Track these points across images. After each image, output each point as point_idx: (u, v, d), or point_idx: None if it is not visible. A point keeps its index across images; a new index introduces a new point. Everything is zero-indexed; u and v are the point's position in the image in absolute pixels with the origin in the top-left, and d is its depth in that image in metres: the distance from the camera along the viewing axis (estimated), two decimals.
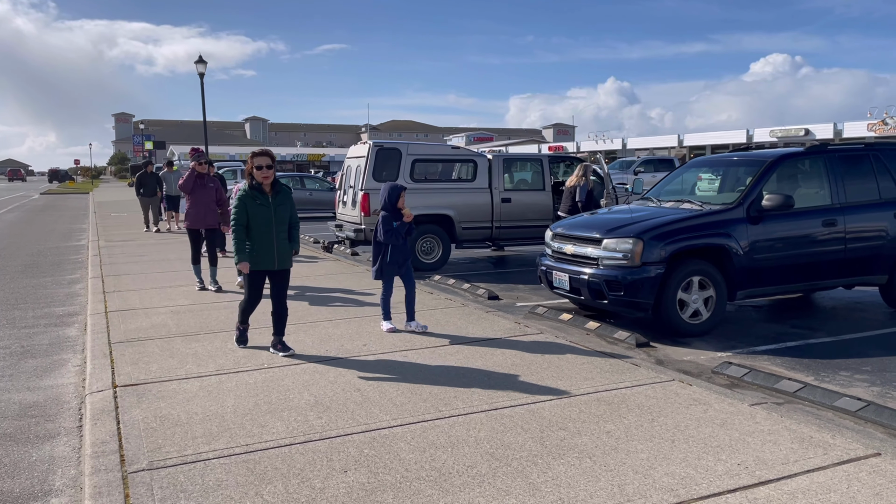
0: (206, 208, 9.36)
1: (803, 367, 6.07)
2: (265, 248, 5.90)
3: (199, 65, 28.49)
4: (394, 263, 6.98)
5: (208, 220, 9.43)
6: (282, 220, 5.95)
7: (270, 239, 5.90)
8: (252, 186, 5.88)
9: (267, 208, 5.88)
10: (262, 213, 5.86)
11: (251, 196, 5.87)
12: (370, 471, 3.74)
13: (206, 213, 9.38)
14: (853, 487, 3.49)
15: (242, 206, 5.85)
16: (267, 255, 5.92)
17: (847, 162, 7.98)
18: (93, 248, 14.86)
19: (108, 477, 3.72)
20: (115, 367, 5.78)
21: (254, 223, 5.85)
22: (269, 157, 5.91)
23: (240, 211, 5.85)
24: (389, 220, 6.84)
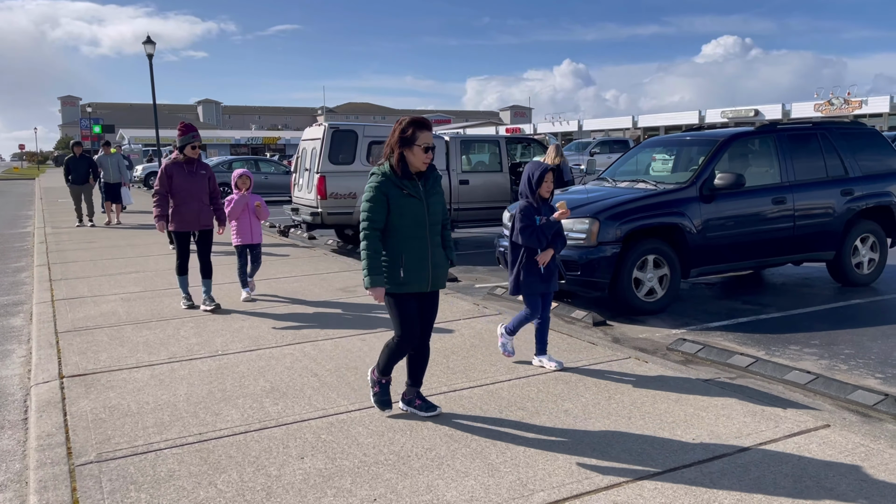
0: (198, 204, 7.16)
1: (755, 342, 6.20)
2: (417, 260, 3.98)
3: (148, 45, 27.68)
4: (537, 277, 5.09)
5: (202, 219, 7.23)
6: (436, 218, 4.07)
7: (424, 247, 4.00)
8: (402, 171, 3.94)
9: (419, 202, 3.96)
10: (413, 208, 3.94)
11: (396, 183, 3.92)
12: (328, 456, 3.69)
13: (200, 211, 7.18)
14: (804, 459, 3.57)
15: (381, 198, 3.91)
16: (420, 272, 3.98)
17: (795, 141, 8.14)
18: (39, 235, 14.39)
19: (55, 470, 3.60)
20: (61, 357, 5.60)
21: (400, 224, 3.95)
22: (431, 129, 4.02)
23: (377, 206, 3.90)
24: (530, 212, 5.06)
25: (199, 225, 7.21)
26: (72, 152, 16.18)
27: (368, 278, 3.92)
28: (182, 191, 7.08)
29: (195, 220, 7.17)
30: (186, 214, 7.12)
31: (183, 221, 7.13)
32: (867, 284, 8.37)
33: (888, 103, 41.41)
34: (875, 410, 4.45)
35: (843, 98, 43.29)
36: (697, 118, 50.01)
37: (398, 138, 3.92)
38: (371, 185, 3.95)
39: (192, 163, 7.16)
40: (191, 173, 7.15)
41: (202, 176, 7.22)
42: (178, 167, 7.10)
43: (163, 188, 7.10)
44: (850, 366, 5.52)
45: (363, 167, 11.54)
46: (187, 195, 7.10)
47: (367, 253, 3.91)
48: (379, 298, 3.96)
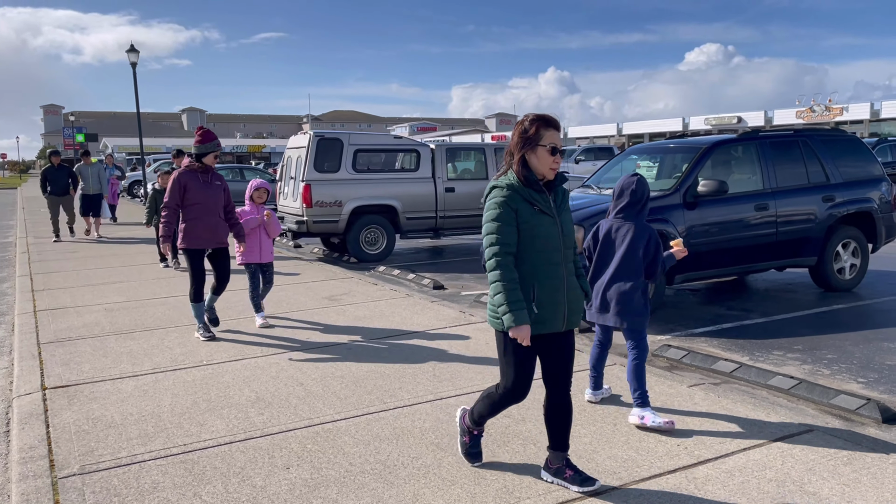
0: (214, 218, 6.34)
1: (739, 347, 6.24)
2: (552, 293, 3.25)
3: (131, 54, 27.50)
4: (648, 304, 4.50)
5: (218, 235, 6.40)
6: (570, 240, 3.37)
7: (559, 276, 3.28)
8: (526, 179, 3.22)
9: (552, 220, 3.26)
10: (546, 228, 3.23)
11: (525, 197, 3.21)
12: (313, 466, 3.67)
13: (216, 226, 6.36)
14: (787, 463, 3.60)
15: (511, 215, 3.18)
16: (555, 308, 3.26)
17: (777, 148, 8.22)
18: (21, 245, 14.24)
19: (37, 483, 3.56)
20: (44, 369, 5.54)
21: (531, 247, 3.22)
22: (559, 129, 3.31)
23: (507, 226, 3.17)
24: None
25: (215, 242, 6.38)
26: (49, 162, 15.04)
27: (511, 315, 3.11)
28: (197, 203, 6.23)
29: (211, 236, 6.32)
30: (201, 230, 6.25)
31: (197, 238, 6.26)
32: (849, 290, 8.45)
33: (868, 110, 41.94)
34: (857, 415, 4.50)
35: (825, 105, 43.79)
36: (681, 125, 50.41)
37: (519, 139, 3.27)
38: (496, 201, 3.20)
39: (207, 172, 6.34)
40: (206, 184, 6.30)
41: (217, 187, 6.38)
42: (193, 177, 6.26)
43: (174, 201, 6.22)
44: (833, 370, 5.57)
45: (349, 175, 11.54)
46: (202, 209, 6.25)
47: (504, 284, 3.13)
48: (526, 339, 3.15)
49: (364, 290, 8.52)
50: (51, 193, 14.75)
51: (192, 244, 6.26)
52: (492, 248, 3.19)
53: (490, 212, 3.23)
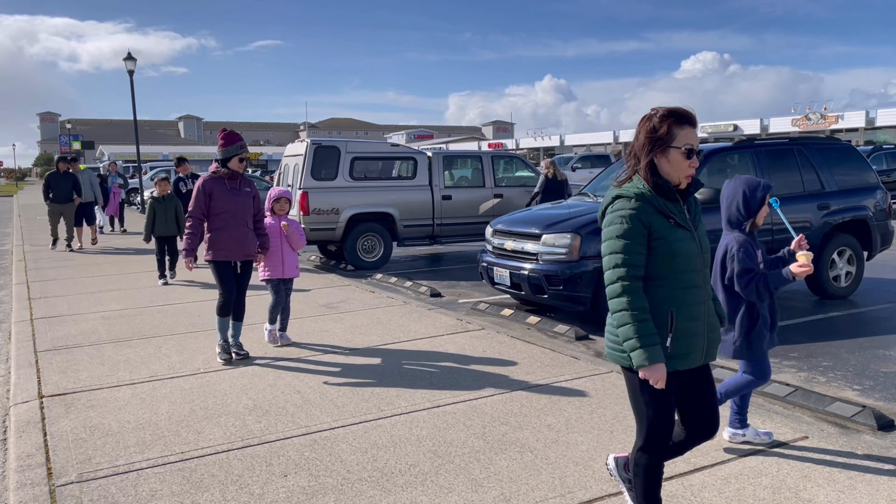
0: (242, 228, 5.88)
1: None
2: (690, 322, 2.74)
3: (129, 62, 27.57)
4: (764, 329, 3.89)
5: (246, 246, 5.92)
6: (707, 257, 2.84)
7: (699, 301, 2.77)
8: (659, 187, 2.71)
9: (690, 235, 2.75)
10: (684, 244, 2.72)
11: (659, 208, 2.70)
12: (311, 474, 3.68)
13: (244, 237, 5.89)
14: (783, 470, 3.62)
15: (641, 232, 2.66)
16: (693, 339, 2.76)
17: (773, 156, 8.27)
18: (17, 252, 14.23)
19: (35, 491, 3.56)
20: (41, 377, 5.54)
21: (667, 268, 2.70)
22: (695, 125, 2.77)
23: (636, 244, 2.66)
24: (751, 250, 3.86)
25: (242, 254, 5.91)
26: (55, 168, 14.58)
27: (643, 352, 2.60)
28: (224, 212, 5.78)
29: (238, 247, 5.86)
30: (229, 241, 5.81)
31: (224, 249, 5.81)
32: (845, 297, 8.49)
33: (864, 118, 42.14)
34: (853, 422, 4.52)
35: (820, 113, 43.99)
36: None
37: (647, 140, 2.72)
38: (622, 214, 2.67)
39: (235, 178, 5.87)
40: (234, 191, 5.84)
41: (247, 194, 5.91)
42: (220, 183, 5.82)
43: (199, 210, 5.79)
44: (829, 378, 5.59)
45: (346, 183, 11.56)
46: (230, 217, 5.80)
47: (633, 314, 2.62)
48: (661, 381, 2.64)
49: (361, 298, 8.53)
50: (53, 200, 14.31)
51: (217, 256, 5.82)
52: (616, 271, 2.66)
53: (614, 227, 2.68)
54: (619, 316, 2.67)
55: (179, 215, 10.25)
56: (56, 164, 14.66)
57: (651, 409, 2.76)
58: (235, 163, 5.81)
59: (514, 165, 13.99)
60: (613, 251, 2.68)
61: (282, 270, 6.39)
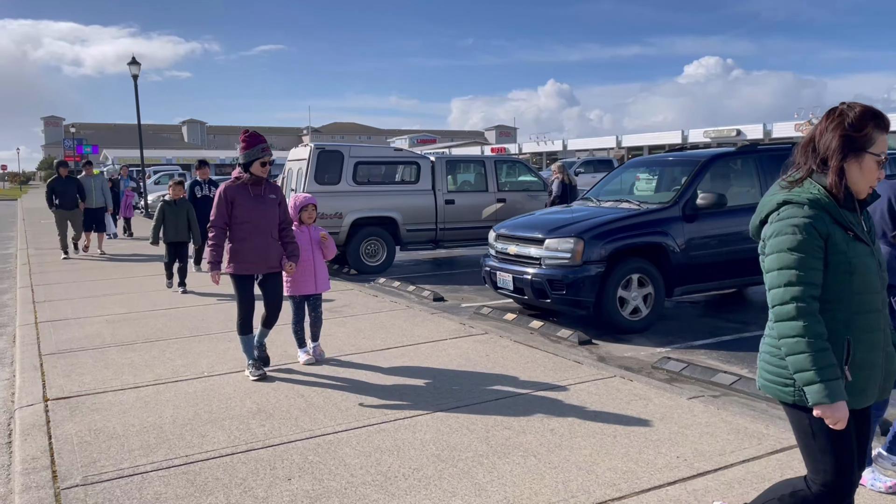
0: (266, 238, 5.43)
1: (738, 359, 6.26)
2: (871, 350, 2.36)
3: (133, 66, 27.66)
4: None
5: (270, 258, 5.47)
6: (885, 277, 2.46)
7: (879, 326, 2.38)
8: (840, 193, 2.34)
9: (869, 250, 2.37)
10: (865, 260, 2.34)
11: (838, 218, 2.33)
12: (315, 477, 3.69)
13: (268, 248, 5.44)
14: (786, 475, 3.61)
15: (818, 245, 2.29)
16: (873, 372, 2.37)
17: (776, 161, 8.27)
18: (22, 256, 14.27)
19: (40, 494, 3.58)
20: (46, 380, 5.56)
21: (849, 288, 2.32)
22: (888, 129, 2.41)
23: (812, 259, 2.29)
24: None
25: (267, 266, 5.45)
26: (56, 173, 13.90)
27: (822, 387, 2.20)
28: (247, 222, 5.33)
29: (262, 260, 5.40)
30: (251, 253, 5.35)
31: (245, 262, 5.36)
32: None
33: None
34: None
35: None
36: (680, 138, 50.59)
37: (841, 139, 2.33)
38: (795, 224, 2.30)
39: (259, 184, 5.39)
40: (258, 198, 5.37)
41: (272, 202, 5.43)
42: (243, 191, 5.36)
43: (221, 219, 5.35)
44: None
45: (349, 187, 11.59)
46: (253, 227, 5.34)
47: (811, 341, 2.23)
48: (842, 421, 2.22)
49: (364, 302, 8.55)
50: (59, 207, 13.65)
51: (239, 269, 5.37)
52: (790, 290, 2.28)
53: (785, 238, 2.30)
54: (793, 343, 2.25)
55: (192, 221, 9.91)
56: (57, 170, 14.01)
57: (831, 456, 2.34)
58: (258, 167, 5.34)
59: (517, 170, 14.00)
60: (785, 266, 2.29)
61: (314, 285, 5.86)
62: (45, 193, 13.90)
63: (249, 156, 5.30)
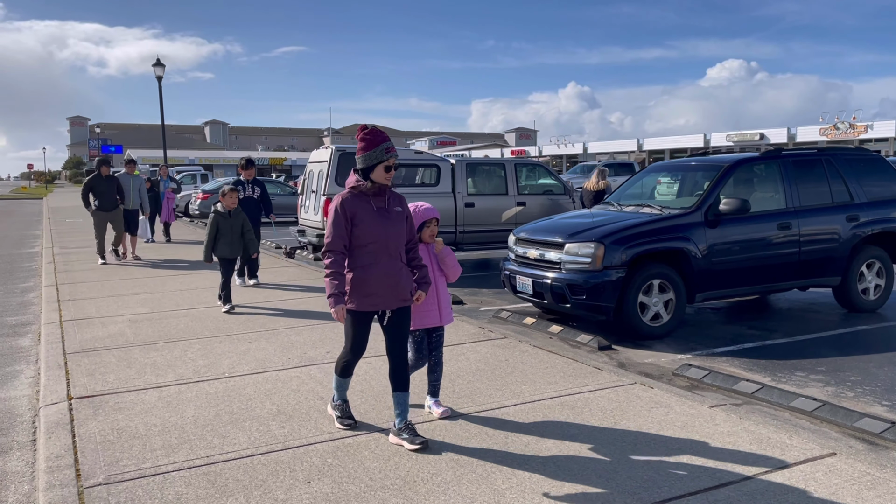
0: (395, 263, 4.18)
1: (760, 367, 6.19)
2: None
3: (157, 67, 28.02)
4: None
5: (401, 288, 4.20)
6: None
7: None
8: None
9: None
10: None
11: None
12: (334, 480, 3.70)
13: (398, 275, 4.17)
14: (810, 487, 3.57)
15: None
16: None
17: (801, 167, 8.19)
18: (47, 255, 14.48)
19: (63, 492, 3.62)
20: (70, 379, 5.63)
21: None
22: None
23: None
24: None
25: (398, 300, 4.18)
26: (97, 171, 12.76)
27: None
28: (372, 243, 4.09)
29: (391, 291, 4.14)
30: (378, 283, 4.09)
31: (372, 294, 4.12)
32: (873, 310, 8.36)
33: (894, 128, 41.45)
34: (882, 438, 4.45)
35: (849, 122, 43.37)
36: (703, 141, 50.17)
37: None
38: None
39: (382, 194, 4.14)
40: (383, 212, 4.12)
41: (398, 216, 4.17)
42: (363, 203, 4.10)
43: (341, 241, 4.08)
44: (857, 393, 5.51)
45: None
46: (380, 249, 4.11)
47: None
48: None
49: None
50: (98, 208, 12.64)
51: (363, 304, 4.13)
52: None
53: None
54: None
55: (247, 232, 8.68)
56: (98, 168, 12.82)
57: None
58: (381, 173, 4.07)
59: (538, 173, 13.96)
60: None
61: (438, 315, 4.60)
62: (82, 192, 12.87)
63: (371, 158, 4.07)
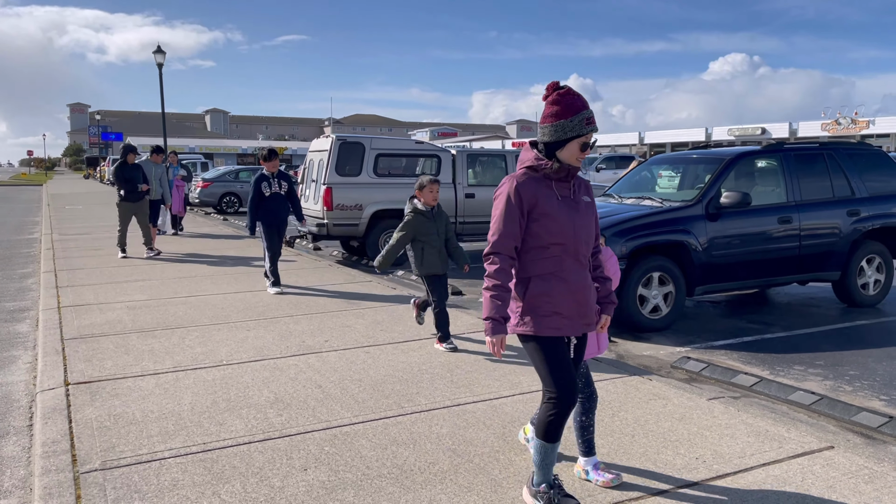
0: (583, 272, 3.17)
1: (759, 361, 6.19)
2: None
3: (158, 55, 27.87)
4: None
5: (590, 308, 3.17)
6: None
7: None
8: None
9: None
10: None
11: None
12: (331, 469, 3.70)
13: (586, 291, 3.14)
14: (807, 480, 3.56)
15: None
16: None
17: (802, 161, 8.16)
18: (46, 241, 14.46)
19: (59, 477, 3.61)
20: (67, 365, 5.62)
21: None
22: None
23: None
24: None
25: (582, 324, 3.14)
26: (123, 159, 12.02)
27: None
28: (558, 244, 3.07)
29: (577, 311, 3.11)
30: (565, 298, 3.07)
31: (558, 313, 3.06)
32: (873, 305, 8.35)
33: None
34: (879, 432, 4.44)
35: (851, 118, 43.30)
36: (704, 135, 50.09)
37: None
38: None
39: (568, 178, 3.12)
40: (569, 203, 3.11)
41: (587, 207, 3.21)
42: (545, 188, 3.08)
43: (511, 238, 3.07)
44: (855, 387, 5.50)
45: (370, 179, 11.60)
46: (566, 252, 3.09)
47: None
48: None
49: (382, 294, 8.55)
50: (124, 199, 11.96)
51: (547, 328, 3.04)
52: None
53: None
54: None
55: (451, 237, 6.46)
56: (124, 156, 12.11)
57: None
58: (575, 151, 3.04)
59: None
60: None
61: (596, 345, 3.61)
62: (117, 181, 12.14)
63: (564, 129, 3.01)
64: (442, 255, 6.29)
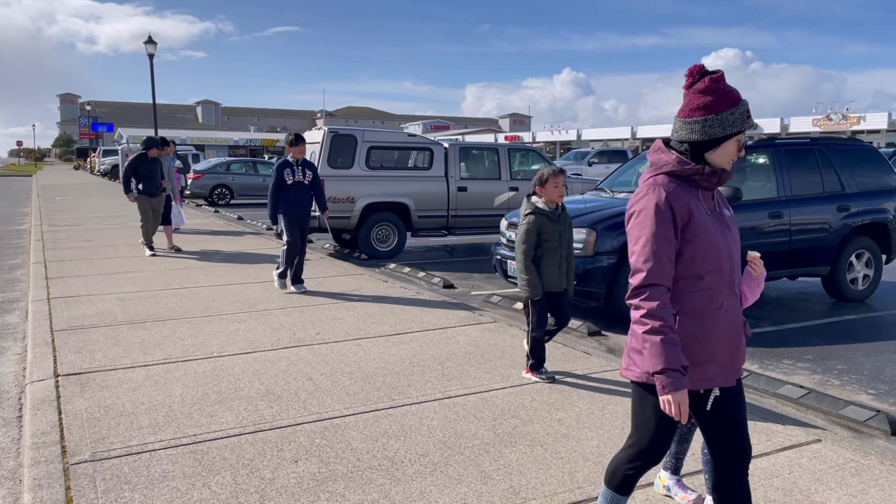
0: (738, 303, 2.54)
1: (748, 355, 6.22)
2: None
3: (149, 45, 27.71)
4: None
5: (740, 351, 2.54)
6: None
7: None
8: None
9: None
10: None
11: None
12: (321, 460, 3.70)
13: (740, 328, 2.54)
14: (794, 473, 3.59)
15: None
16: None
17: (793, 156, 8.19)
18: (35, 232, 14.37)
19: (49, 469, 3.60)
20: (57, 356, 5.60)
21: None
22: None
23: None
24: None
25: (734, 368, 2.52)
26: (144, 152, 11.36)
27: None
28: (710, 269, 2.43)
29: (730, 353, 2.49)
30: (717, 341, 2.45)
31: (706, 362, 2.44)
32: (861, 300, 8.41)
33: (886, 120, 41.59)
34: (866, 426, 4.48)
35: (842, 113, 43.48)
36: None
37: None
38: None
39: (713, 187, 2.52)
40: (717, 217, 2.51)
41: (731, 222, 2.57)
42: (693, 198, 2.46)
43: (669, 264, 2.40)
44: (843, 381, 5.55)
45: (362, 172, 11.58)
46: (721, 282, 2.46)
47: None
48: None
49: (374, 287, 8.55)
50: (143, 192, 11.28)
51: (696, 381, 2.45)
52: None
53: None
54: None
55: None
56: (147, 149, 11.40)
57: None
58: (731, 152, 2.51)
59: (531, 159, 13.94)
60: None
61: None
62: (124, 174, 11.51)
63: (722, 124, 2.47)
64: (562, 268, 5.14)
